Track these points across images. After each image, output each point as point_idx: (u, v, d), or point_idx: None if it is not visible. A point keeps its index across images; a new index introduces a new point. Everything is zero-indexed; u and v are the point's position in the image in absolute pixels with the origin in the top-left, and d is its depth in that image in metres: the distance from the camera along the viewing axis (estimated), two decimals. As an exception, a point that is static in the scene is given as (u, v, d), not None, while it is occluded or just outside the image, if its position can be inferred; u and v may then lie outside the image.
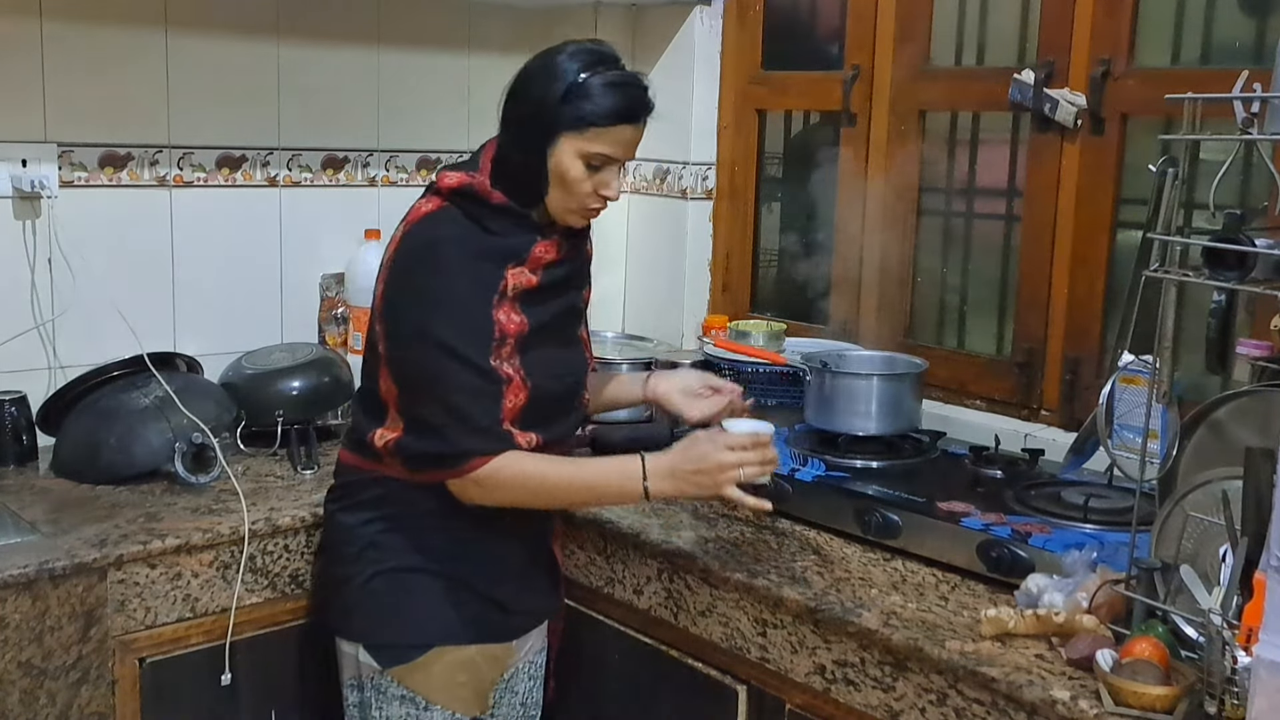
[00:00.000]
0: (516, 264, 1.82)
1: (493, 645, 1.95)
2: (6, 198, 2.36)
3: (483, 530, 1.88)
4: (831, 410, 2.33)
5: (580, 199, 1.83)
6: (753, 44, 2.94)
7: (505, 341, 1.80)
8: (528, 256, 1.83)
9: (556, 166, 1.80)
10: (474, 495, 1.81)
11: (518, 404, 1.81)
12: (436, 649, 1.88)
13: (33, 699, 1.85)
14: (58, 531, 1.98)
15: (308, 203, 2.73)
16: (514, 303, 1.82)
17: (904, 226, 2.66)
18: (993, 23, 2.57)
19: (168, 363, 2.40)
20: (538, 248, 1.84)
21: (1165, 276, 1.63)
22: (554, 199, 1.84)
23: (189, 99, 2.55)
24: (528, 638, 2.03)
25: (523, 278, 1.82)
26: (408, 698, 1.89)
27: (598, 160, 1.80)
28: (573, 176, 1.80)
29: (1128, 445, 1.77)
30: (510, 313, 1.81)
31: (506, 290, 1.81)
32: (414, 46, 2.83)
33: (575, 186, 1.81)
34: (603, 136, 1.78)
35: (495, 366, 1.78)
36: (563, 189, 1.82)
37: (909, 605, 1.79)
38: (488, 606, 1.91)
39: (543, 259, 1.85)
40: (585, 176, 1.81)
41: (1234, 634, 1.44)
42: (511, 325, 1.80)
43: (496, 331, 1.79)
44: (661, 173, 3.06)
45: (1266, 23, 2.15)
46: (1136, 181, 2.28)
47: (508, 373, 1.80)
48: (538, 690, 2.11)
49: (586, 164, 1.80)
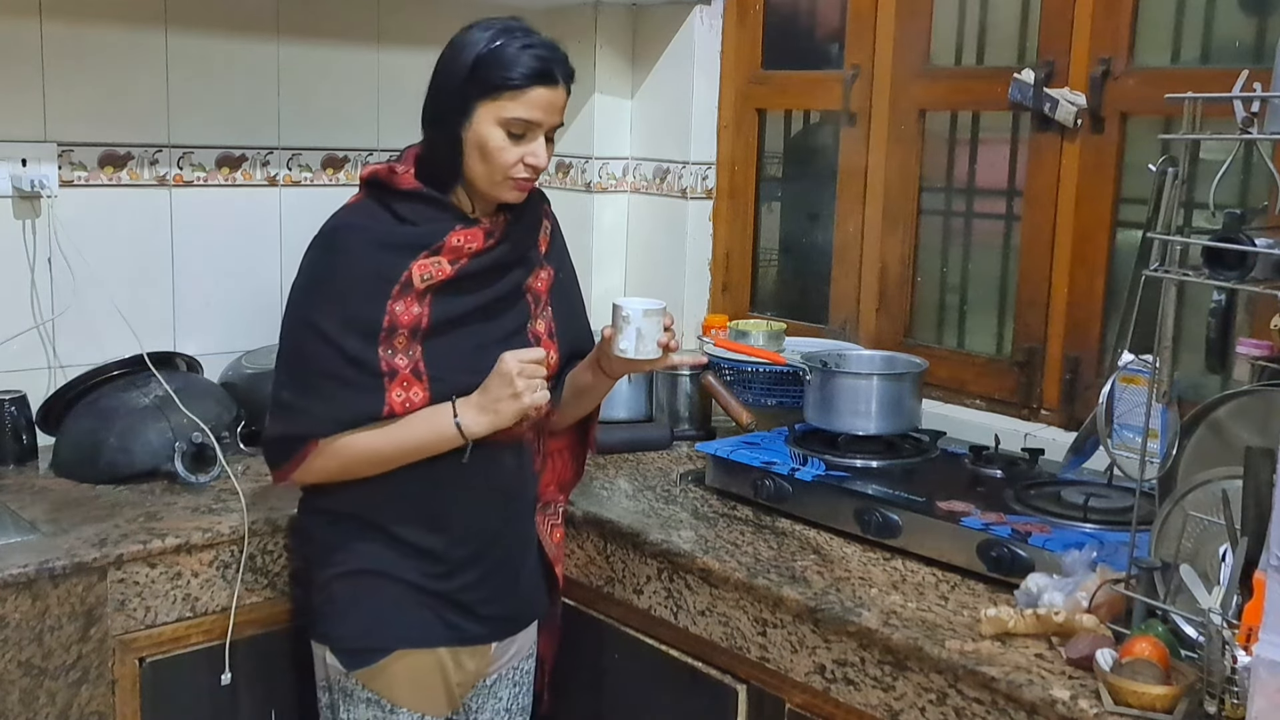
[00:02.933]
0: (429, 254, 1.78)
1: (461, 649, 1.90)
2: (6, 197, 2.36)
3: (442, 534, 1.85)
4: (831, 410, 2.33)
5: (504, 169, 1.78)
6: (753, 44, 2.95)
7: (396, 332, 1.76)
8: (442, 245, 1.79)
9: (474, 138, 1.77)
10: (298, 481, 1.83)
11: (414, 401, 1.78)
12: (397, 652, 1.85)
13: (32, 698, 1.86)
14: (58, 531, 1.98)
15: (308, 202, 2.73)
16: (421, 295, 1.78)
17: (904, 226, 2.66)
18: (993, 22, 2.57)
19: (168, 362, 2.41)
20: (454, 236, 1.80)
21: (1165, 276, 1.63)
22: (478, 174, 1.79)
23: (189, 99, 2.55)
24: (509, 642, 1.99)
25: (434, 268, 1.78)
26: (373, 700, 1.86)
27: (518, 127, 1.76)
28: (493, 145, 1.76)
29: (1128, 445, 1.77)
30: (412, 305, 1.77)
31: (411, 280, 1.77)
32: (414, 46, 2.83)
33: (497, 156, 1.77)
34: (519, 100, 1.75)
35: (381, 357, 1.76)
36: (484, 161, 1.78)
37: (909, 605, 1.79)
38: (451, 610, 1.87)
39: (462, 249, 1.80)
40: (507, 144, 1.76)
41: (1234, 633, 1.44)
42: (406, 318, 1.77)
43: (386, 321, 1.75)
44: (661, 172, 3.06)
45: (1266, 22, 2.15)
46: (1136, 181, 2.28)
47: (397, 364, 1.77)
48: (524, 697, 2.07)
49: (507, 132, 1.76)
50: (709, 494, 2.30)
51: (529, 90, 1.75)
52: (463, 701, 1.97)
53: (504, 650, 1.99)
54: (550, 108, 1.78)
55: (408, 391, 1.78)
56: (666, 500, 2.26)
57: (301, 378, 1.80)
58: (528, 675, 2.08)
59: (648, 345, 1.84)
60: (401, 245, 1.78)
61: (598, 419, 2.12)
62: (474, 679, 1.96)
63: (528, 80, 1.75)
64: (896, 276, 2.68)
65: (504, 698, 2.03)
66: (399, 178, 1.81)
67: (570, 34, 2.94)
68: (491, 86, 1.75)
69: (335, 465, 1.80)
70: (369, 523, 1.84)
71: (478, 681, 1.97)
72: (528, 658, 2.07)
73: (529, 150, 1.78)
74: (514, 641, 2.00)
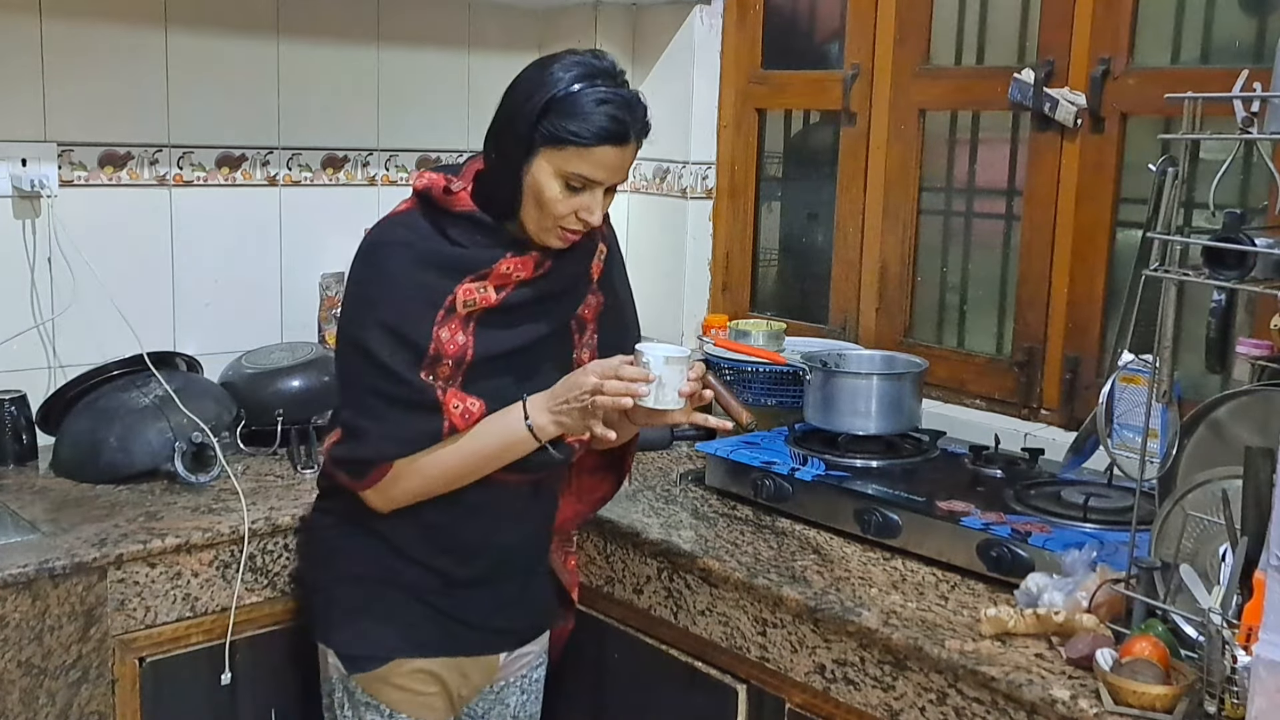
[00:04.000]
0: (475, 278, 1.71)
1: (463, 659, 1.88)
2: (6, 197, 2.36)
3: (449, 554, 1.83)
4: (831, 410, 2.33)
5: (555, 219, 1.70)
6: (752, 43, 2.94)
7: (441, 361, 1.70)
8: (490, 272, 1.71)
9: (533, 183, 1.68)
10: (380, 504, 1.77)
11: (473, 412, 1.73)
12: (396, 660, 1.83)
13: (32, 698, 1.85)
14: (57, 531, 1.98)
15: (308, 202, 2.73)
16: (465, 321, 1.71)
17: (904, 226, 2.66)
18: (993, 22, 2.57)
19: (167, 362, 2.41)
20: (504, 263, 1.72)
21: (1165, 276, 1.63)
22: (529, 216, 1.71)
23: (189, 98, 2.55)
24: (519, 653, 1.96)
25: (479, 294, 1.71)
26: (372, 705, 1.85)
27: (577, 181, 1.67)
28: (548, 196, 1.68)
29: (1127, 444, 1.77)
30: (457, 332, 1.71)
31: (455, 305, 1.70)
32: (414, 46, 2.83)
33: (551, 207, 1.68)
34: (584, 157, 1.66)
35: (425, 382, 1.70)
36: (538, 207, 1.69)
37: (909, 604, 1.79)
38: (450, 621, 1.84)
39: (511, 276, 1.72)
40: (562, 197, 1.68)
41: (1234, 633, 1.44)
42: (452, 347, 1.70)
43: (431, 348, 1.69)
44: (661, 172, 3.06)
45: (1266, 22, 2.15)
46: (1136, 181, 2.28)
47: (455, 395, 1.72)
48: (533, 704, 2.05)
49: (565, 184, 1.67)
50: (709, 494, 2.30)
51: (596, 149, 1.66)
52: (467, 708, 1.96)
53: (512, 658, 1.96)
54: (616, 168, 1.70)
55: (464, 403, 1.73)
56: (666, 500, 2.26)
57: (358, 399, 1.76)
58: (537, 684, 2.05)
59: (668, 395, 1.71)
60: (448, 267, 1.71)
61: (635, 449, 2.03)
62: (478, 688, 1.94)
63: (597, 139, 1.65)
64: (896, 276, 2.68)
65: (512, 704, 2.01)
66: (454, 198, 1.73)
67: (570, 34, 2.95)
68: (557, 138, 1.65)
69: (417, 485, 1.76)
70: (373, 530, 1.82)
71: (483, 688, 1.95)
72: (538, 666, 2.04)
73: (584, 205, 1.69)
74: (522, 651, 1.97)
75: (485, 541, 1.85)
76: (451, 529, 1.82)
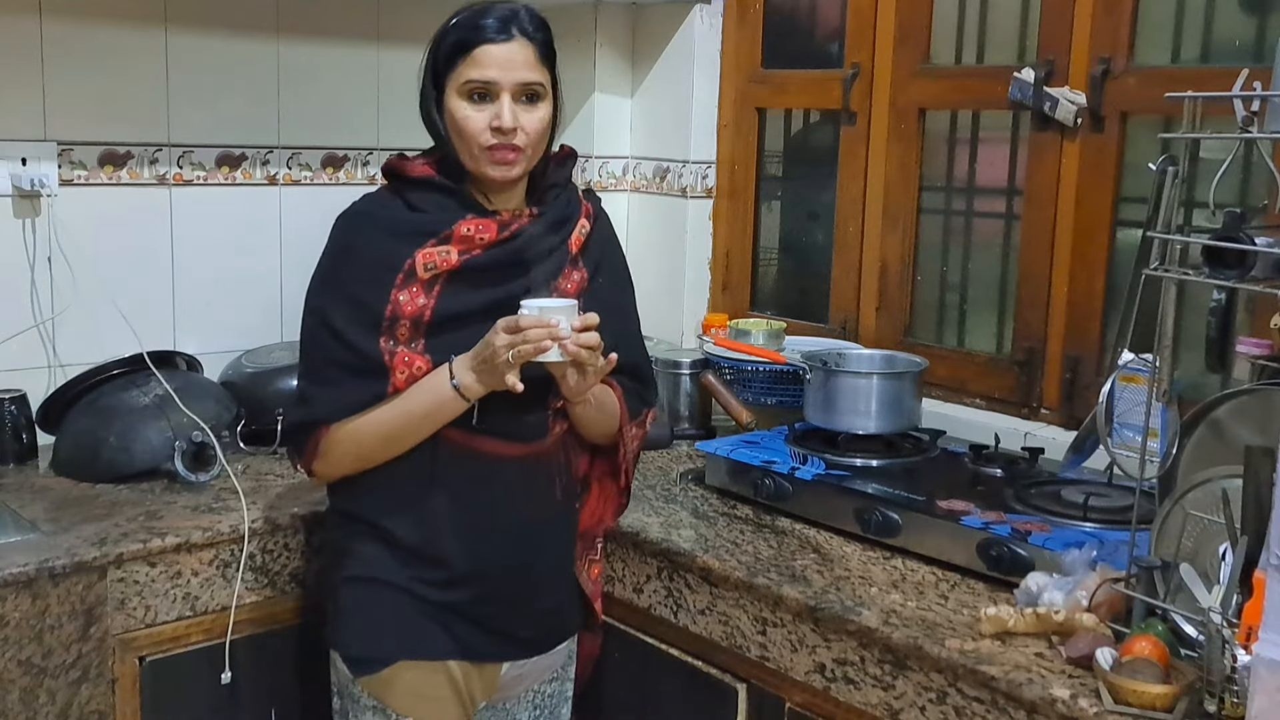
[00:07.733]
0: (437, 242, 1.75)
1: (468, 664, 1.83)
2: (6, 196, 2.36)
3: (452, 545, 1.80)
4: (831, 409, 2.33)
5: (475, 138, 1.73)
6: (753, 43, 2.95)
7: (399, 323, 1.73)
8: (451, 234, 1.75)
9: (449, 116, 1.75)
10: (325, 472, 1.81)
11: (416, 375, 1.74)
12: (401, 663, 1.79)
13: (32, 697, 1.85)
14: (57, 530, 1.98)
15: (308, 201, 2.73)
16: (429, 285, 1.74)
17: (904, 225, 2.66)
18: (992, 21, 2.58)
19: (167, 361, 2.40)
20: (464, 224, 1.75)
21: (1165, 275, 1.63)
22: (461, 151, 1.76)
23: (188, 98, 2.55)
24: (530, 664, 1.91)
25: (440, 257, 1.75)
26: (378, 709, 1.81)
27: (478, 89, 1.73)
28: (459, 117, 1.74)
29: (1127, 444, 1.77)
30: (418, 295, 1.74)
31: (415, 269, 1.74)
32: (414, 45, 2.80)
33: (465, 126, 1.73)
34: (471, 64, 1.72)
35: (383, 347, 1.73)
36: (459, 136, 1.75)
37: (909, 604, 1.79)
38: (458, 623, 1.81)
39: (474, 238, 1.76)
40: (472, 113, 1.73)
41: (1233, 632, 1.44)
42: (410, 308, 1.73)
43: (389, 311, 1.73)
44: (661, 171, 3.06)
45: (1266, 21, 2.15)
46: (1136, 180, 2.28)
47: (404, 356, 1.73)
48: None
49: (469, 98, 1.73)
50: (709, 493, 2.30)
51: (477, 49, 1.72)
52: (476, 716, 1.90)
53: (524, 670, 1.91)
54: (506, 63, 1.73)
55: (411, 367, 1.74)
56: (666, 499, 2.27)
57: (312, 366, 1.81)
58: (551, 699, 2.00)
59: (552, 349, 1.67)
60: (408, 233, 1.76)
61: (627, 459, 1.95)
62: (490, 694, 1.89)
63: (476, 41, 1.73)
64: (896, 275, 2.68)
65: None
66: (410, 164, 1.81)
67: (570, 33, 2.94)
68: (449, 59, 1.74)
69: (352, 449, 1.77)
70: (374, 526, 1.81)
71: (494, 695, 1.90)
72: (552, 680, 1.99)
73: (494, 115, 1.73)
74: (534, 662, 1.91)
75: (487, 524, 1.81)
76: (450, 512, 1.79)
